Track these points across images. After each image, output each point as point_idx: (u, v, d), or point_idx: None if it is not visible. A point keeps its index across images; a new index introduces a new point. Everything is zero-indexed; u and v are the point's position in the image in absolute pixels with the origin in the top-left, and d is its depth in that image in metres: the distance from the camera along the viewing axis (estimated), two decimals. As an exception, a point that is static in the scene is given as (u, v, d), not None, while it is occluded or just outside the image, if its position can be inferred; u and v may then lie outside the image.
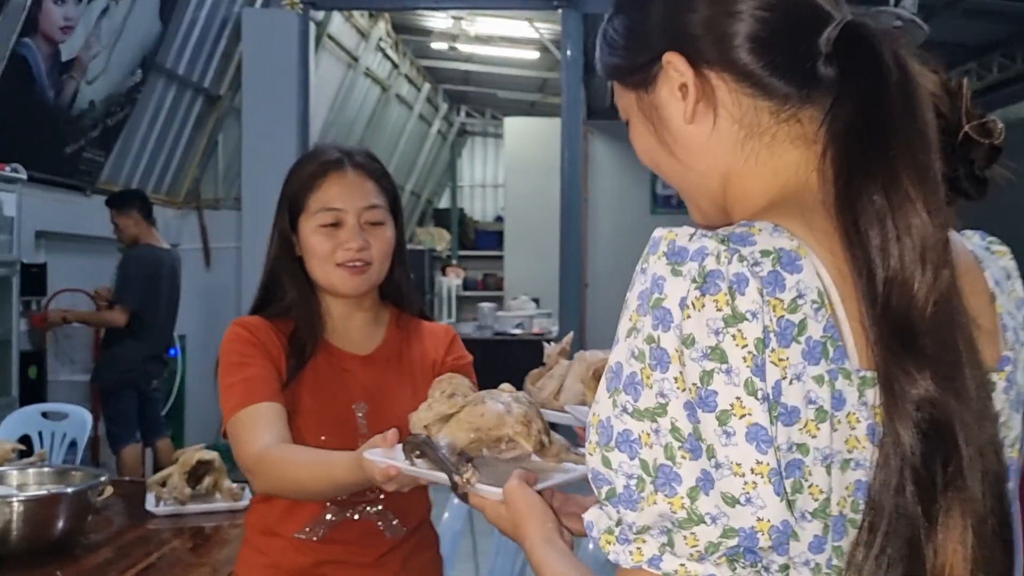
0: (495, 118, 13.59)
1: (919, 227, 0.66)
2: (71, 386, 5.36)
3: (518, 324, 7.32)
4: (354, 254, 1.52)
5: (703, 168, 0.79)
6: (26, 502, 1.81)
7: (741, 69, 0.74)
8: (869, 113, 0.70)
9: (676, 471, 0.63)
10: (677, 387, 0.63)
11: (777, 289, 0.64)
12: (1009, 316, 0.80)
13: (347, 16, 8.14)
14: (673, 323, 0.64)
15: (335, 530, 1.51)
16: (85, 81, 5.05)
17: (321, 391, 1.54)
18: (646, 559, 0.64)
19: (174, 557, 1.96)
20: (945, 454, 0.64)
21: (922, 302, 0.65)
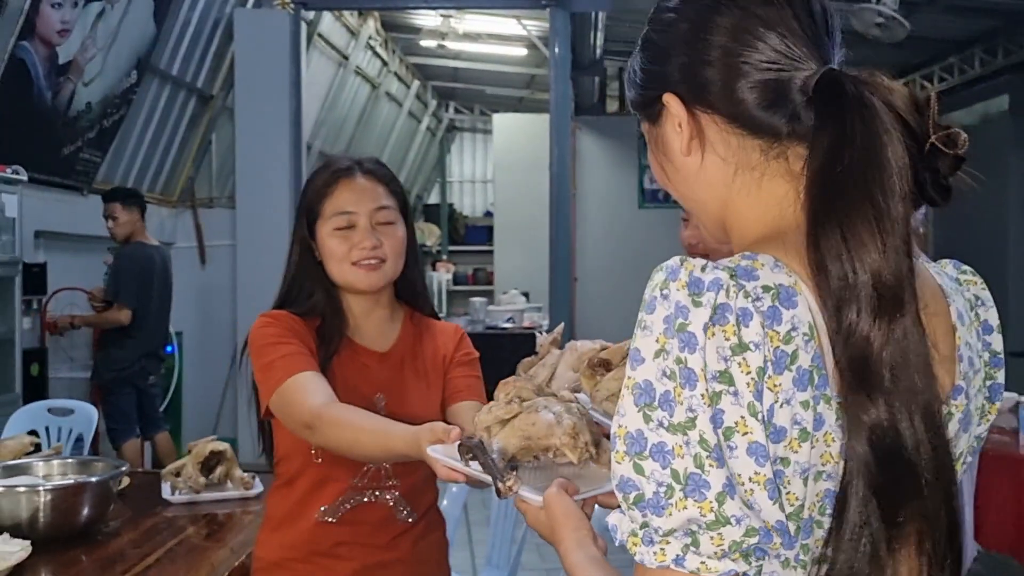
0: (483, 114, 13.68)
1: (874, 269, 0.72)
2: (71, 383, 5.44)
3: (509, 318, 7.42)
4: (368, 252, 1.62)
5: (701, 196, 0.88)
6: (54, 490, 1.90)
7: (729, 111, 0.82)
8: (832, 160, 0.76)
9: (705, 478, 0.69)
10: (704, 403, 0.69)
11: (775, 322, 0.71)
12: (967, 347, 0.86)
13: (337, 15, 8.21)
14: (698, 346, 0.70)
15: (352, 513, 1.62)
16: (82, 83, 5.13)
17: (346, 383, 1.62)
18: (670, 559, 0.70)
19: (192, 543, 2.06)
20: (901, 475, 0.72)
21: (876, 346, 0.72)
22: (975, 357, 0.88)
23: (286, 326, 1.62)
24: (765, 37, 0.80)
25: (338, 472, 1.61)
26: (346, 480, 1.62)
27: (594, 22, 7.20)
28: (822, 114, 0.78)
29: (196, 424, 6.34)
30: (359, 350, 1.69)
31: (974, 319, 0.90)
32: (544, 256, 6.87)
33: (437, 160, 14.66)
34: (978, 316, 0.92)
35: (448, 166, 14.81)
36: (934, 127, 0.83)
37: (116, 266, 4.91)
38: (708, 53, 0.82)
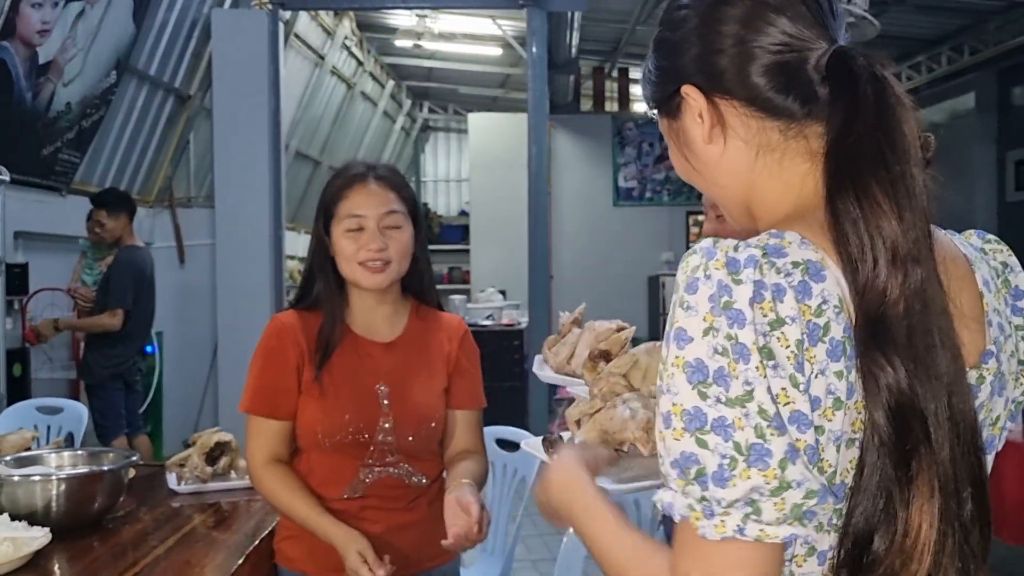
0: (458, 114, 13.72)
1: (889, 232, 0.75)
2: (52, 383, 5.42)
3: (488, 316, 7.47)
4: (374, 254, 1.77)
5: (724, 182, 0.90)
6: (68, 480, 1.93)
7: (746, 96, 0.85)
8: (847, 131, 0.79)
9: (767, 447, 0.71)
10: (759, 374, 0.72)
11: (806, 297, 0.74)
12: (995, 312, 0.88)
13: (313, 15, 8.22)
14: (747, 320, 0.72)
15: (371, 487, 1.81)
16: (62, 83, 5.11)
17: (347, 375, 1.80)
18: (730, 529, 0.72)
19: (201, 531, 2.09)
20: (913, 431, 0.74)
21: (893, 301, 0.74)
22: (1004, 323, 0.89)
23: (281, 345, 1.81)
24: (775, 22, 0.83)
25: (344, 457, 1.80)
26: (355, 463, 1.80)
27: (570, 22, 7.27)
28: (835, 89, 0.81)
29: (176, 424, 6.33)
30: (363, 342, 1.85)
31: (1002, 286, 0.92)
32: (520, 254, 6.93)
33: (411, 160, 14.67)
34: (1008, 282, 0.93)
35: (422, 166, 14.82)
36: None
37: (113, 270, 4.91)
38: (721, 41, 0.85)
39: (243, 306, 6.19)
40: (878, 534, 0.74)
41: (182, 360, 6.61)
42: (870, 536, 0.74)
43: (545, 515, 1.01)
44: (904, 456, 0.74)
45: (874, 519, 0.74)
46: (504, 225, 9.28)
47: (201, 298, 6.62)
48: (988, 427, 0.88)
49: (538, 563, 4.43)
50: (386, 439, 1.79)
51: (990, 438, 0.88)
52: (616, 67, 9.79)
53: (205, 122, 6.98)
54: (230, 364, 6.16)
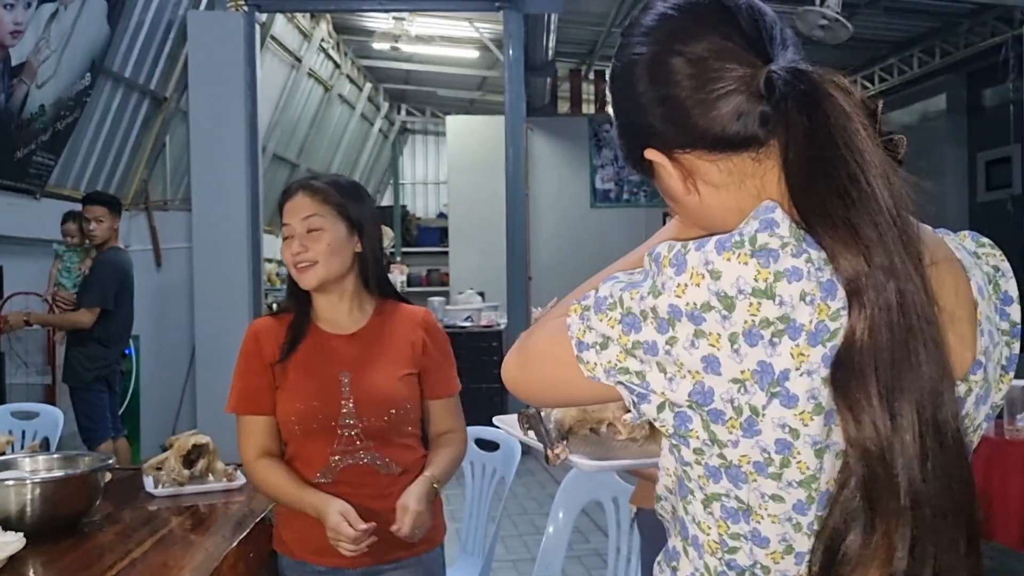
0: (435, 116, 13.72)
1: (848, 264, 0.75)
2: (27, 388, 5.38)
3: (467, 317, 7.49)
4: (296, 256, 1.94)
5: (719, 221, 0.87)
6: (42, 484, 1.91)
7: (706, 144, 0.84)
8: (786, 156, 0.81)
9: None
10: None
11: (830, 297, 0.74)
12: (987, 320, 0.88)
13: (289, 17, 8.20)
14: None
15: (343, 473, 1.94)
16: (35, 85, 5.08)
17: (310, 366, 1.96)
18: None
19: (178, 534, 2.08)
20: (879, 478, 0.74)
21: (859, 335, 0.74)
22: (994, 330, 0.90)
23: (257, 348, 2.00)
24: (711, 68, 0.82)
25: (315, 443, 1.94)
26: (324, 449, 1.94)
27: (546, 24, 7.30)
28: (775, 111, 0.81)
29: (154, 428, 6.30)
30: (327, 336, 2.01)
31: (993, 292, 0.92)
32: (498, 255, 6.95)
33: (390, 162, 14.65)
34: (997, 287, 0.93)
35: (401, 168, 14.81)
36: (879, 133, 0.87)
37: (96, 271, 4.89)
38: (664, 103, 0.85)
39: (221, 309, 6.17)
40: (852, 534, 0.75)
41: (159, 364, 6.57)
42: (845, 534, 0.75)
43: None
44: (873, 493, 0.75)
45: (848, 520, 0.75)
46: (482, 227, 9.29)
47: (178, 302, 6.59)
48: (970, 433, 0.89)
49: (518, 563, 4.44)
50: (350, 423, 1.93)
51: (969, 444, 0.88)
52: (593, 69, 9.82)
53: (181, 124, 6.95)
54: (208, 367, 6.14)
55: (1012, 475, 3.14)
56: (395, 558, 1.96)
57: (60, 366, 5.27)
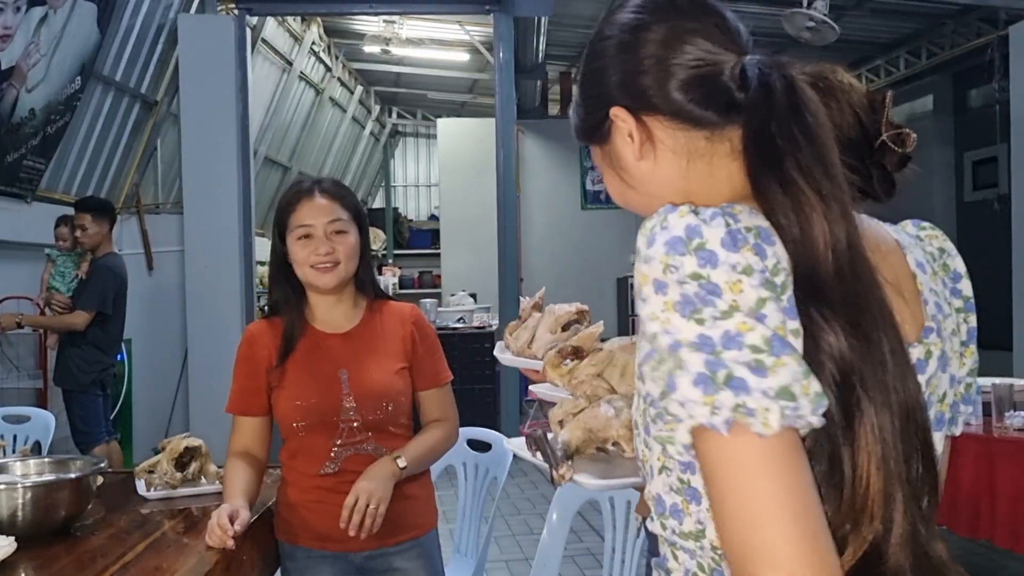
0: (426, 119, 13.73)
1: (812, 210, 0.79)
2: (18, 392, 5.37)
3: (459, 318, 7.49)
4: (323, 257, 2.01)
5: (660, 193, 0.93)
6: (33, 487, 1.92)
7: (671, 110, 0.90)
8: (764, 124, 0.84)
9: (786, 341, 0.74)
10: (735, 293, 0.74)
11: (762, 257, 0.77)
12: (931, 292, 0.92)
13: (280, 21, 8.20)
14: (719, 260, 0.75)
15: (347, 461, 2.03)
16: (25, 89, 5.07)
17: (309, 365, 2.05)
18: (775, 427, 0.72)
19: (171, 537, 2.09)
20: (853, 396, 0.76)
21: (823, 261, 0.77)
22: (942, 303, 0.93)
23: (251, 352, 2.09)
24: (692, 41, 0.89)
25: (317, 438, 2.03)
26: (327, 442, 2.03)
27: (536, 26, 7.32)
28: (750, 92, 0.86)
29: (146, 432, 6.30)
30: (322, 335, 2.09)
31: (940, 268, 0.97)
32: (490, 257, 6.96)
33: (381, 165, 14.66)
34: (946, 266, 0.98)
35: (392, 171, 14.81)
36: (886, 125, 0.91)
37: (96, 275, 4.89)
38: (643, 63, 0.91)
39: (213, 313, 6.17)
40: (825, 501, 0.75)
41: (152, 367, 6.57)
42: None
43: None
44: (846, 413, 0.75)
45: (820, 486, 0.75)
46: (474, 229, 9.31)
47: (170, 305, 6.58)
48: (936, 404, 0.91)
49: (511, 563, 4.45)
50: (351, 417, 2.02)
51: (938, 414, 0.91)
52: (583, 71, 9.85)
53: (172, 128, 6.95)
54: (201, 370, 6.14)
55: (1001, 473, 3.16)
56: (397, 541, 2.06)
57: (51, 370, 5.27)
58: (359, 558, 2.06)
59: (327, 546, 2.05)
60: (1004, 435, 3.23)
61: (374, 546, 2.03)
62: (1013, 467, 3.14)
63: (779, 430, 0.72)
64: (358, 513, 1.91)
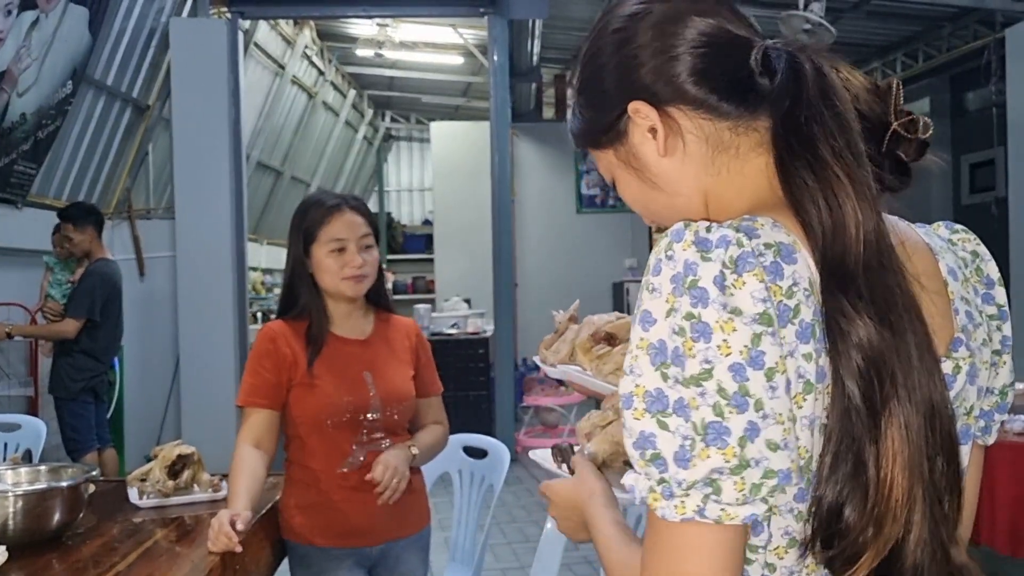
0: (420, 123, 13.71)
1: (843, 191, 0.77)
2: (9, 400, 5.32)
3: (453, 324, 7.46)
4: (357, 269, 2.17)
5: (686, 191, 0.89)
6: (24, 496, 1.88)
7: (693, 99, 0.85)
8: (795, 108, 0.81)
9: (726, 425, 0.71)
10: (721, 353, 0.71)
11: (777, 277, 0.74)
12: (963, 301, 0.88)
13: (273, 24, 8.17)
14: (711, 299, 0.72)
15: (365, 459, 2.14)
16: (16, 93, 5.03)
17: (337, 366, 2.18)
18: (690, 511, 0.72)
19: (163, 545, 2.05)
20: (883, 382, 0.73)
21: (854, 246, 0.75)
22: (974, 311, 0.89)
23: (274, 348, 2.15)
24: (711, 28, 0.86)
25: (342, 435, 2.14)
26: (350, 439, 2.14)
27: (531, 30, 7.30)
28: (778, 77, 0.83)
29: (138, 438, 6.24)
30: (344, 341, 2.23)
31: (972, 274, 0.93)
32: (485, 262, 6.93)
33: (374, 169, 14.63)
34: (979, 270, 0.94)
35: (385, 175, 14.78)
36: (896, 114, 0.88)
37: (83, 282, 4.84)
38: (664, 53, 0.86)
39: (205, 318, 6.12)
40: (848, 504, 0.73)
41: (143, 374, 6.52)
42: (840, 507, 0.73)
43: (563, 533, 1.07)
44: (872, 409, 0.74)
45: (844, 488, 0.74)
46: (468, 234, 9.28)
47: (162, 311, 6.53)
48: (962, 417, 0.87)
49: (507, 572, 4.41)
50: (375, 417, 2.16)
51: (964, 427, 0.88)
52: (577, 75, 9.84)
53: (164, 132, 6.90)
54: (193, 377, 6.10)
55: (1000, 478, 3.14)
56: (407, 534, 2.23)
57: (43, 377, 5.22)
58: (375, 552, 2.18)
59: (347, 543, 2.15)
60: (1003, 439, 3.20)
61: (390, 538, 2.19)
62: (1012, 472, 3.12)
63: (680, 520, 0.73)
64: (384, 482, 2.07)
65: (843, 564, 0.74)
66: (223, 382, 6.01)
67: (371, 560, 2.20)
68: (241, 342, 6.24)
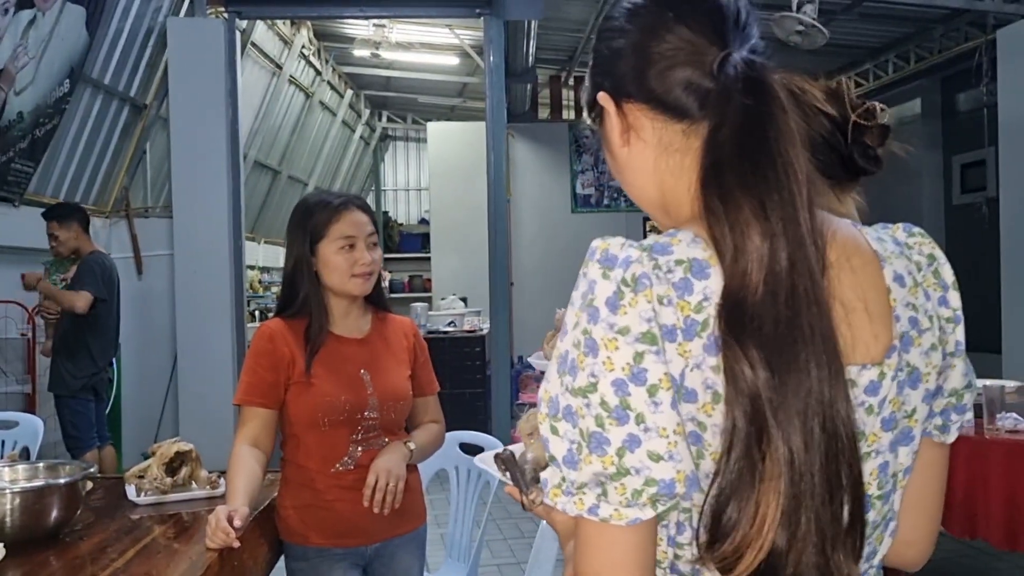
0: (416, 123, 13.72)
1: (748, 227, 0.77)
2: (7, 397, 5.34)
3: (450, 322, 7.48)
4: (366, 267, 2.18)
5: (639, 183, 0.94)
6: (22, 493, 1.90)
7: (647, 98, 0.89)
8: (717, 129, 0.83)
9: (606, 436, 0.76)
10: (605, 368, 0.76)
11: (686, 293, 0.77)
12: (907, 307, 0.88)
13: (270, 24, 8.18)
14: (600, 318, 0.77)
15: (360, 459, 2.16)
16: (13, 92, 5.05)
17: (335, 365, 2.17)
18: (586, 508, 0.78)
19: (161, 542, 2.07)
20: (764, 422, 0.75)
21: (752, 289, 0.76)
22: (921, 316, 0.89)
23: (272, 347, 2.15)
24: (675, 30, 0.87)
25: (338, 433, 2.14)
26: (346, 438, 2.14)
27: (526, 30, 7.32)
28: (719, 91, 0.84)
29: (136, 437, 6.26)
30: (342, 339, 2.22)
31: (928, 277, 0.92)
32: (480, 261, 6.95)
33: (371, 169, 14.63)
34: (936, 273, 0.93)
35: (382, 175, 14.78)
36: (852, 106, 0.91)
37: (80, 269, 4.85)
38: (624, 49, 0.91)
39: (203, 317, 6.14)
40: (729, 507, 0.76)
41: (141, 372, 6.53)
42: (722, 509, 0.76)
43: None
44: (758, 435, 0.75)
45: (726, 493, 0.76)
46: (464, 233, 9.30)
47: (159, 309, 6.55)
48: (903, 420, 0.88)
49: (503, 567, 4.44)
50: (372, 415, 2.16)
51: (906, 429, 0.89)
52: (573, 75, 9.85)
53: (161, 131, 6.92)
54: (190, 375, 6.11)
55: (993, 474, 3.17)
56: (404, 531, 2.23)
57: (40, 375, 5.23)
58: (370, 551, 2.19)
59: (343, 542, 2.15)
60: (996, 436, 3.24)
61: (386, 537, 2.19)
62: (1006, 468, 3.15)
63: (576, 515, 0.79)
64: (379, 492, 2.08)
65: (724, 565, 0.77)
66: (220, 380, 6.03)
67: (366, 559, 2.20)
68: (238, 340, 6.26)
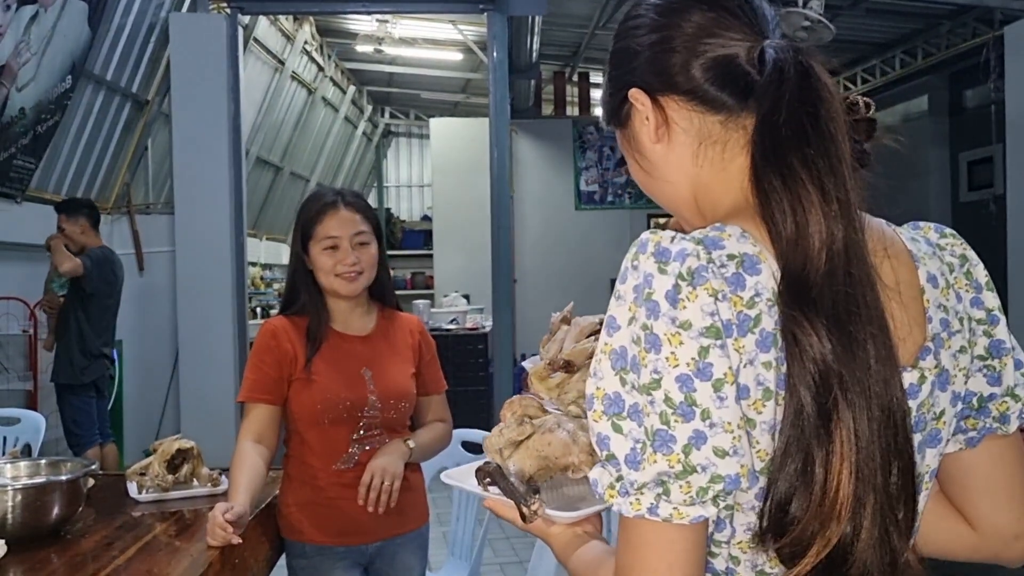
0: (419, 119, 13.70)
1: (810, 201, 0.78)
2: (8, 394, 5.33)
3: (452, 320, 7.47)
4: (349, 267, 2.15)
5: (674, 180, 0.93)
6: (23, 490, 1.89)
7: (687, 90, 0.89)
8: (772, 112, 0.83)
9: (672, 433, 0.75)
10: (669, 364, 0.75)
11: (738, 288, 0.77)
12: (939, 308, 0.88)
13: (272, 20, 8.17)
14: (661, 312, 0.76)
15: (362, 456, 2.15)
16: (15, 88, 5.03)
17: (336, 363, 2.17)
18: (644, 508, 0.76)
19: (162, 540, 2.06)
20: (832, 391, 0.75)
21: (815, 261, 0.76)
22: (952, 318, 0.90)
23: (275, 343, 2.15)
24: (711, 22, 0.88)
25: (339, 431, 2.14)
26: (347, 436, 2.14)
27: (530, 26, 7.30)
28: (764, 77, 0.85)
29: (137, 433, 6.25)
30: (345, 337, 2.22)
31: (960, 278, 0.93)
32: (483, 258, 6.93)
33: (373, 165, 14.62)
34: (968, 274, 0.94)
35: (385, 171, 14.77)
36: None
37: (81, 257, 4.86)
38: (661, 43, 0.90)
39: (204, 314, 6.12)
40: (796, 498, 0.76)
41: (142, 368, 6.53)
42: (788, 501, 0.76)
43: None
44: (823, 415, 0.75)
45: (793, 483, 0.76)
46: (467, 230, 9.27)
47: (161, 306, 6.54)
48: (931, 422, 0.88)
49: (505, 567, 4.43)
50: (372, 413, 2.16)
51: (934, 431, 0.89)
52: (576, 71, 9.83)
53: (163, 127, 6.90)
54: (192, 372, 6.09)
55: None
56: (404, 531, 2.22)
57: (42, 371, 5.22)
58: (372, 549, 2.18)
59: (344, 541, 2.15)
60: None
61: (387, 536, 2.18)
62: None
63: (635, 516, 0.77)
64: (374, 491, 2.06)
65: (791, 556, 0.77)
66: (222, 377, 6.01)
67: (367, 557, 2.19)
68: (240, 337, 6.24)
